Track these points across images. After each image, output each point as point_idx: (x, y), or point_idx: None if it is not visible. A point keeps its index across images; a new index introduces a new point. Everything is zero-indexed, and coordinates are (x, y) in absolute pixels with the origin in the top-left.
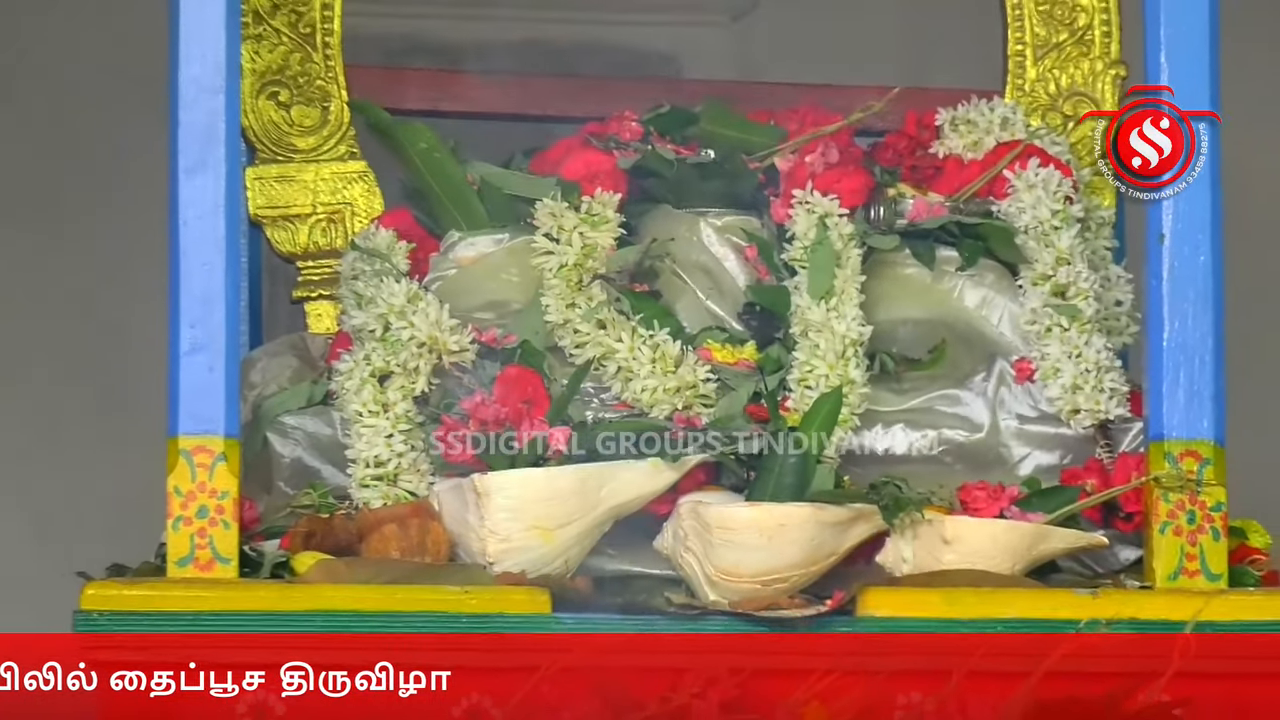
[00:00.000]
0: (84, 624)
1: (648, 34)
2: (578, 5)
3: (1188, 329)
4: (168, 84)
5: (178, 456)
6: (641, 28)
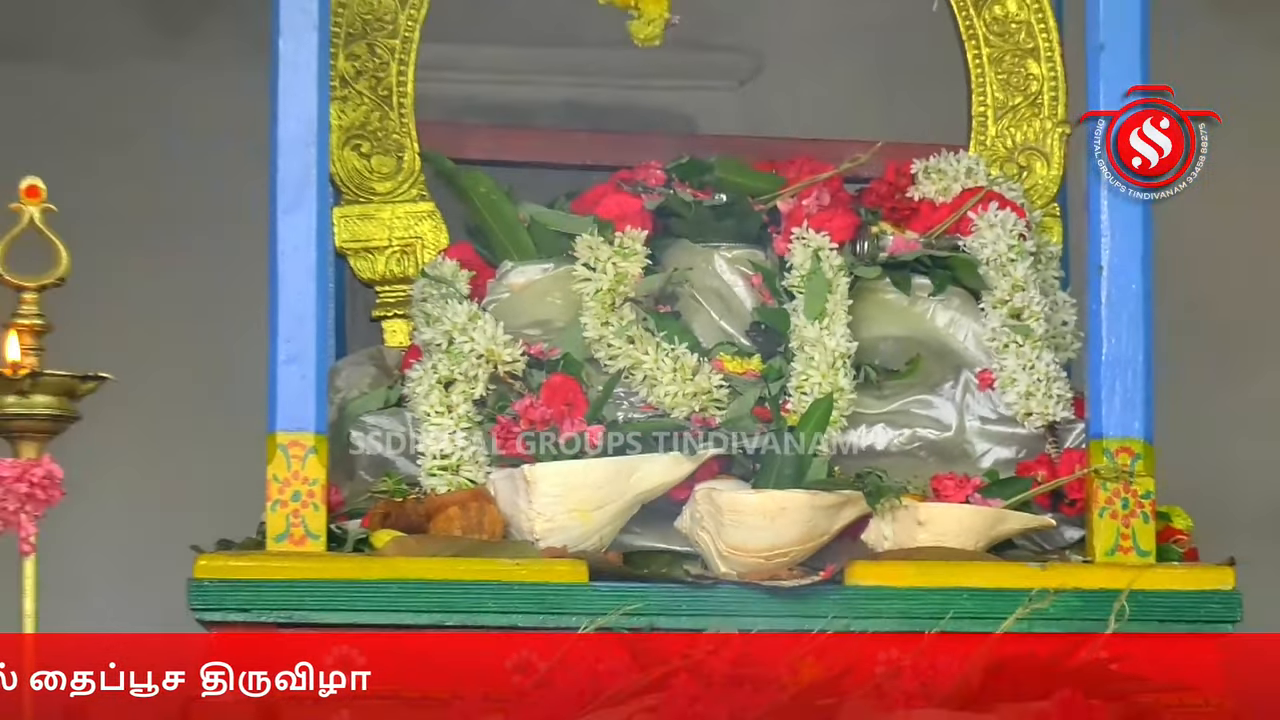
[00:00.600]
0: (196, 591)
1: (669, 97)
2: (610, 72)
3: (1122, 345)
4: (269, 138)
5: (276, 450)
6: (664, 92)
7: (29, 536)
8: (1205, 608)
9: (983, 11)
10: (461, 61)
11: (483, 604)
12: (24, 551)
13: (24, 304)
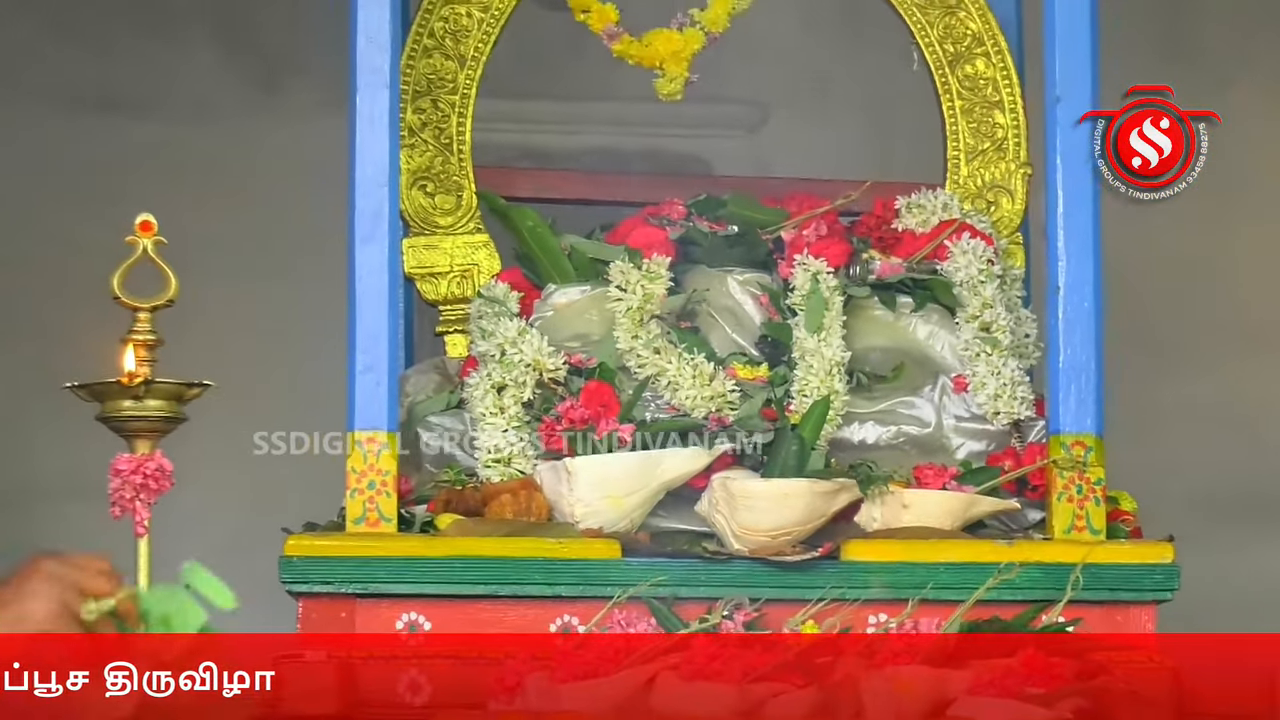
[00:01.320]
0: (286, 567)
1: (688, 144)
2: (638, 123)
3: (1076, 354)
4: (348, 179)
5: (354, 445)
6: (683, 139)
7: (143, 521)
8: (1148, 578)
9: (955, 70)
10: (511, 114)
11: (530, 577)
12: (138, 534)
13: (138, 322)
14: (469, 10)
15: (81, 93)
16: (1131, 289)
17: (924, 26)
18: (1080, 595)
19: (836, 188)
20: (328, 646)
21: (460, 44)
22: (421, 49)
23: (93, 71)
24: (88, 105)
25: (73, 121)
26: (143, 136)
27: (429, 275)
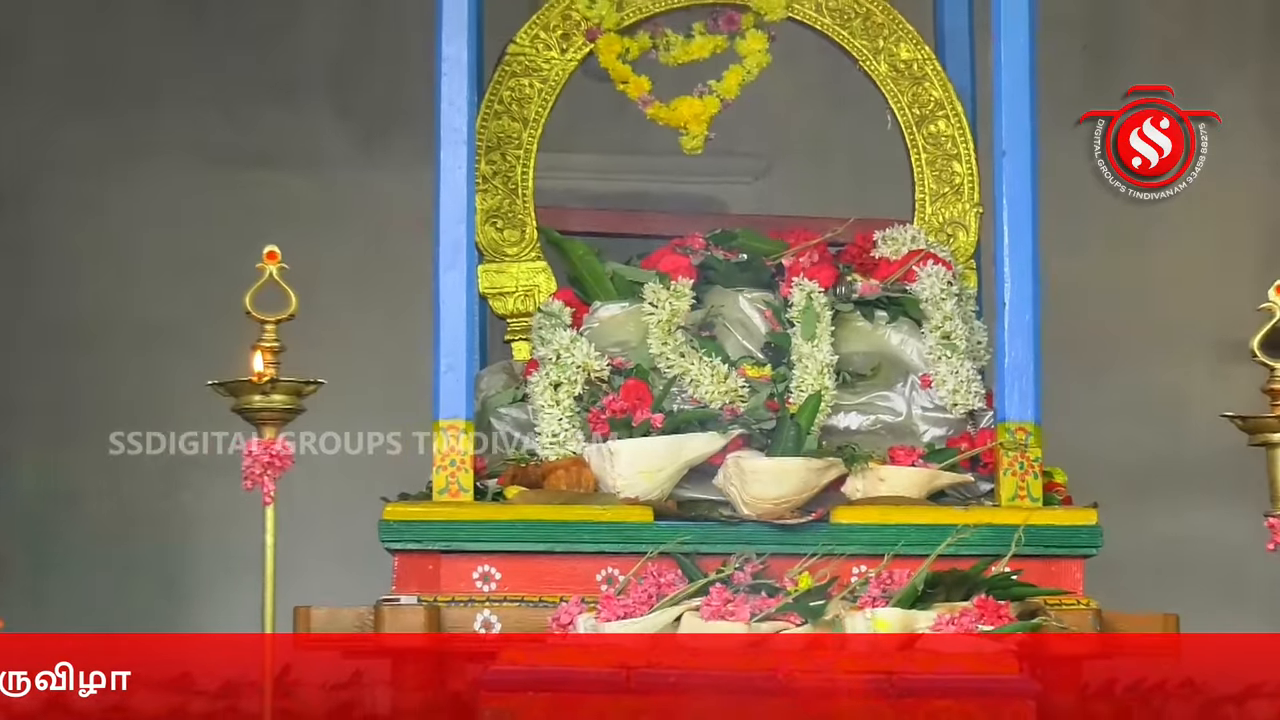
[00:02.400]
0: (384, 529)
1: (706, 188)
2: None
3: (1019, 357)
4: (434, 217)
5: (439, 431)
6: (702, 185)
7: (269, 492)
8: (1077, 537)
9: (921, 129)
10: (565, 165)
11: (580, 536)
12: (266, 503)
13: (266, 332)
14: (531, 82)
15: (217, 148)
16: (1064, 303)
17: (896, 94)
18: (1022, 551)
19: (826, 224)
20: (419, 592)
21: (524, 109)
22: (493, 112)
23: (226, 130)
24: (222, 158)
25: (209, 172)
26: (267, 183)
27: (498, 294)
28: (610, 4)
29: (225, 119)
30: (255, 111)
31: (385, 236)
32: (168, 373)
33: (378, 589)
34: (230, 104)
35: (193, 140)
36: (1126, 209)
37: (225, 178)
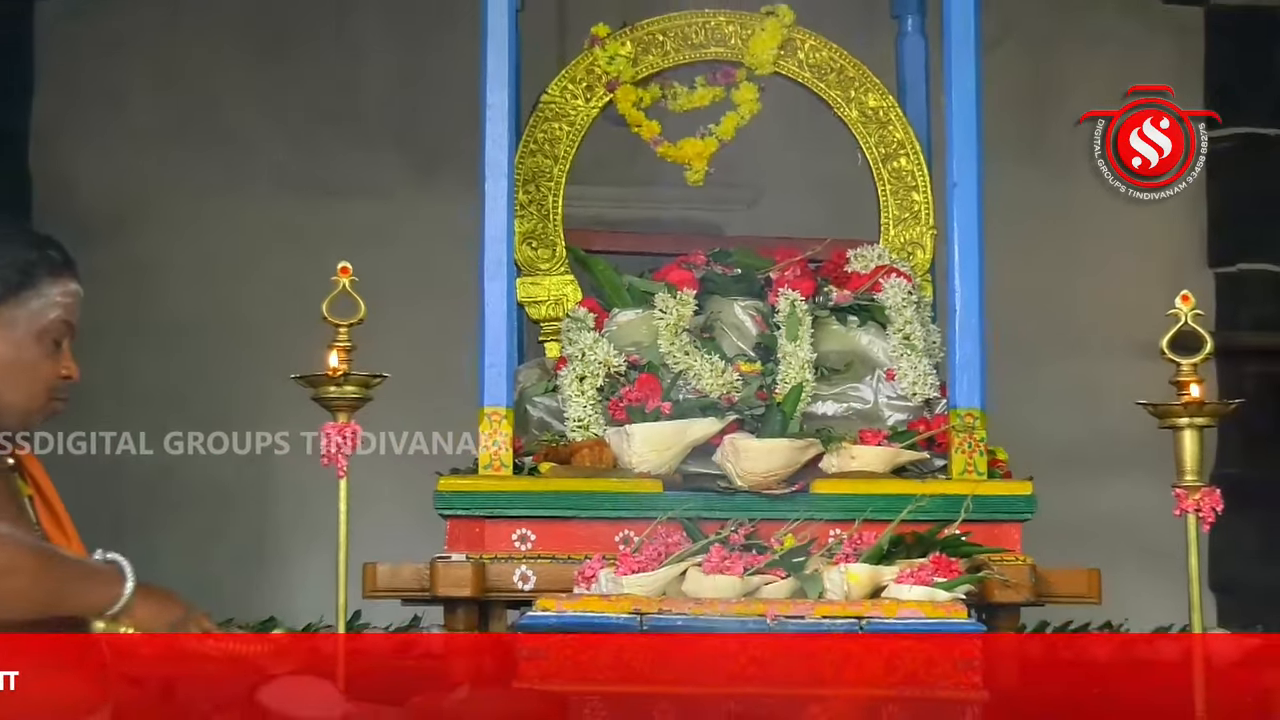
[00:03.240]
0: (439, 498)
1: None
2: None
3: (967, 355)
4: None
5: (484, 417)
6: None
7: (343, 467)
8: (1015, 505)
9: (886, 165)
10: (588, 195)
11: (601, 504)
12: (340, 475)
13: (339, 334)
14: (560, 126)
15: (297, 179)
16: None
17: (865, 136)
18: (970, 516)
19: (806, 244)
20: (467, 551)
21: (555, 148)
22: (529, 151)
23: (305, 164)
24: (301, 187)
25: (290, 199)
26: (339, 209)
27: (533, 303)
28: (627, 61)
29: (304, 154)
30: (329, 148)
31: (438, 254)
32: (257, 367)
33: (432, 549)
34: (308, 141)
35: (277, 172)
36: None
37: (304, 204)
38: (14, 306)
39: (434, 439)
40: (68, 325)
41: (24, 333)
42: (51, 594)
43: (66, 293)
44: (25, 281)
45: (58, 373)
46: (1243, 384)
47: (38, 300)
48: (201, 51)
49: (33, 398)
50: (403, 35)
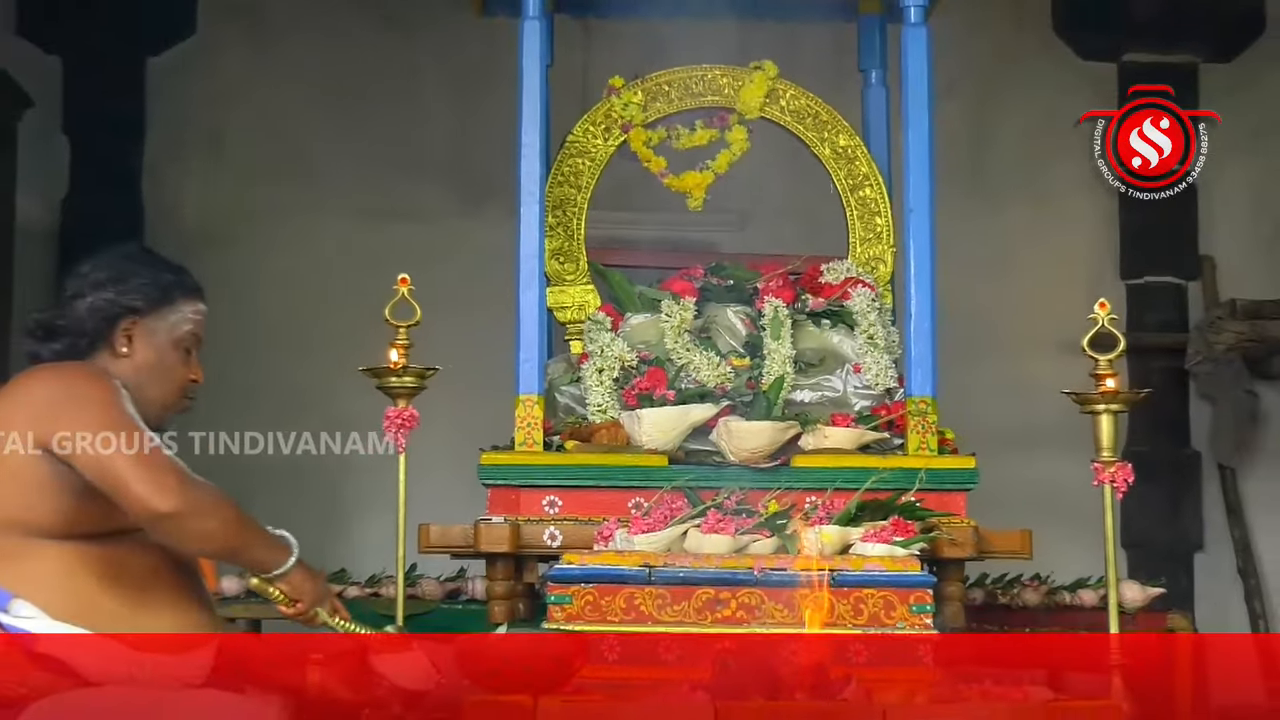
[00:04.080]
0: (482, 471)
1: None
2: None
3: (921, 351)
4: (514, 256)
5: (520, 403)
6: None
7: (402, 445)
8: (961, 476)
9: (854, 194)
10: (606, 218)
11: (616, 476)
12: (399, 452)
13: (399, 335)
14: (583, 161)
15: (363, 205)
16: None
17: (836, 170)
18: (923, 487)
19: (788, 259)
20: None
21: (578, 180)
22: (556, 182)
23: (370, 194)
24: (367, 213)
25: (358, 223)
26: (398, 231)
27: (560, 308)
28: (638, 107)
29: (370, 186)
30: (391, 180)
31: (481, 269)
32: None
33: (476, 512)
34: (374, 175)
35: (347, 201)
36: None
37: (369, 228)
38: (155, 319)
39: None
40: (196, 337)
41: (163, 340)
42: (234, 543)
43: (196, 310)
44: (165, 299)
45: (188, 376)
46: (1149, 377)
47: (174, 315)
48: (287, 100)
49: (168, 394)
50: (454, 88)
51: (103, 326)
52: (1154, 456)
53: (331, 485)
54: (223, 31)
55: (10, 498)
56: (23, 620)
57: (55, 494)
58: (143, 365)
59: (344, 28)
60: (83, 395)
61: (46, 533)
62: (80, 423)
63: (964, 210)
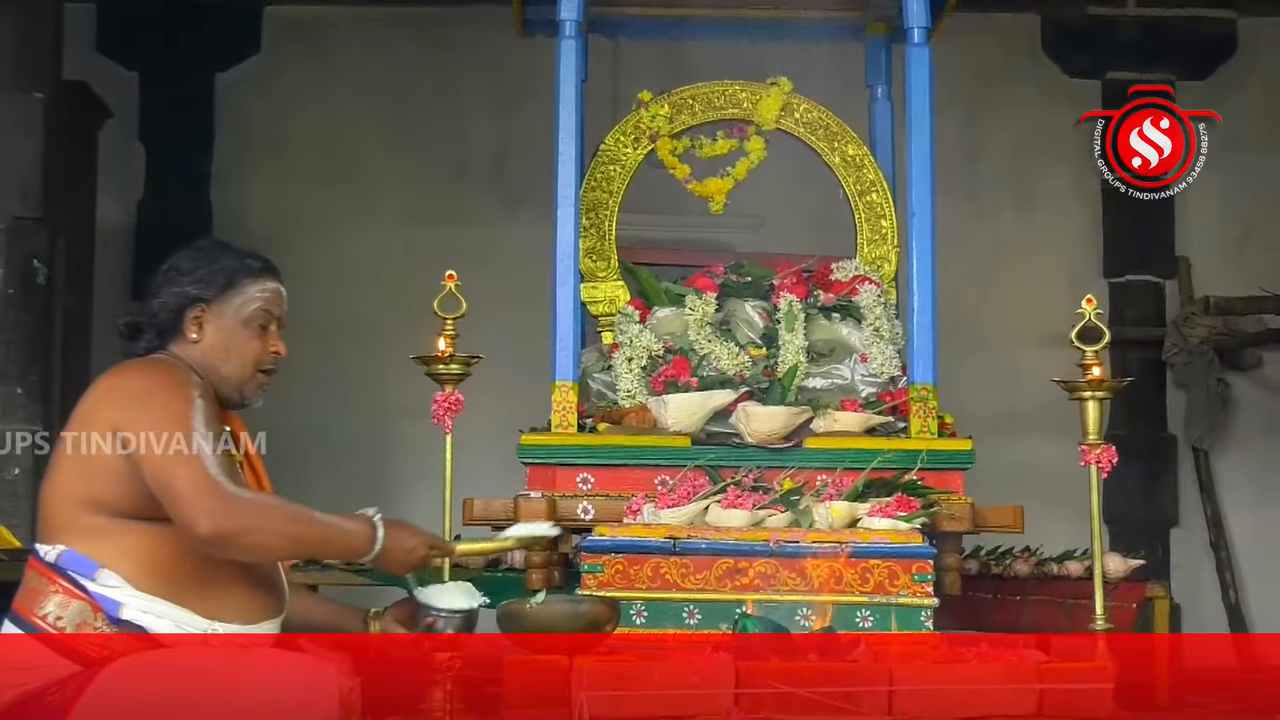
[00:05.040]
0: (521, 450)
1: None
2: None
3: (922, 343)
4: (552, 255)
5: (556, 388)
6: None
7: (449, 427)
8: (958, 457)
9: (861, 199)
10: (635, 221)
11: (644, 454)
12: (446, 433)
13: (446, 326)
14: (614, 168)
15: (414, 209)
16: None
17: (845, 177)
18: (924, 466)
19: (801, 259)
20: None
21: (610, 185)
22: (590, 187)
23: (420, 198)
24: (417, 216)
25: (409, 225)
26: (446, 233)
27: (593, 302)
28: (665, 119)
29: (419, 191)
30: (438, 185)
31: (521, 266)
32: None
33: (516, 488)
34: (422, 180)
35: (401, 205)
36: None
37: (418, 229)
38: (222, 303)
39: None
40: (268, 313)
41: (231, 322)
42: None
43: (265, 289)
44: (229, 284)
45: (267, 350)
46: (1129, 367)
47: (239, 297)
48: (343, 113)
49: (243, 369)
50: (496, 102)
51: (174, 318)
52: (1133, 440)
53: (382, 463)
54: (285, 50)
55: (95, 480)
56: (108, 589)
57: (128, 482)
58: (213, 347)
59: (395, 47)
60: (156, 401)
61: (128, 514)
62: (145, 426)
63: (960, 214)
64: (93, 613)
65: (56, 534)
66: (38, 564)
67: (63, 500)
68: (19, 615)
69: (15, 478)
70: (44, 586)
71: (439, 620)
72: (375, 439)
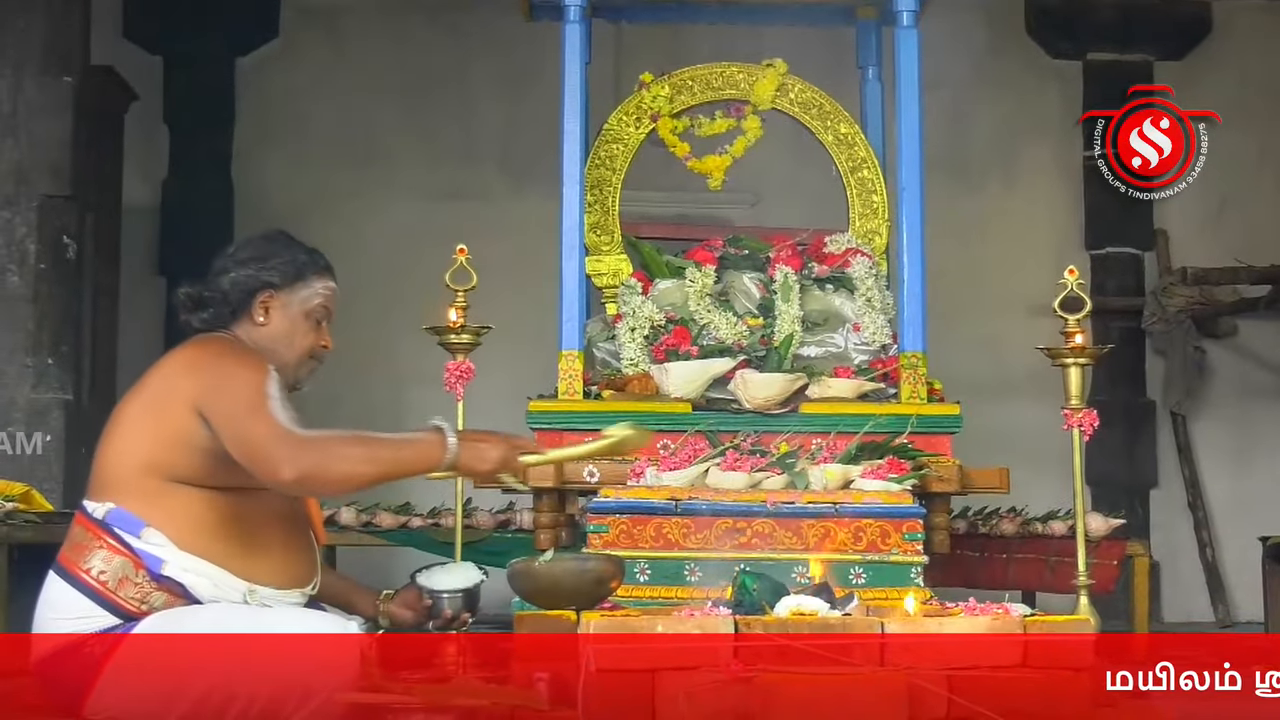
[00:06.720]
0: (530, 416)
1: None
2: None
3: (912, 313)
4: (559, 229)
5: (562, 357)
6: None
7: (460, 394)
8: (947, 422)
9: (853, 175)
10: (637, 197)
11: (647, 420)
12: (458, 399)
13: (458, 298)
14: (617, 147)
15: (428, 187)
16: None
17: (837, 154)
18: (914, 430)
19: (796, 232)
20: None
21: (613, 163)
22: (594, 165)
23: (434, 177)
24: (431, 193)
25: (423, 202)
26: (458, 209)
27: (598, 275)
28: (665, 100)
29: (433, 169)
30: (449, 164)
31: (530, 241)
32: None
33: None
34: (436, 159)
35: (414, 183)
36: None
37: (432, 206)
38: (289, 293)
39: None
40: (326, 310)
41: (295, 312)
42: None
43: (326, 287)
44: (299, 276)
45: (319, 343)
46: (1109, 335)
47: (306, 290)
48: (358, 95)
49: (299, 358)
50: (504, 84)
51: (244, 298)
52: (1114, 405)
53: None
54: (302, 35)
55: (160, 444)
56: (152, 546)
57: (195, 450)
58: (276, 333)
59: (408, 32)
60: (237, 373)
61: (183, 479)
62: (229, 396)
63: (948, 189)
64: (135, 569)
65: (106, 492)
66: (85, 520)
67: (120, 461)
68: (64, 568)
69: (47, 444)
70: (90, 542)
71: (441, 601)
72: (390, 406)
